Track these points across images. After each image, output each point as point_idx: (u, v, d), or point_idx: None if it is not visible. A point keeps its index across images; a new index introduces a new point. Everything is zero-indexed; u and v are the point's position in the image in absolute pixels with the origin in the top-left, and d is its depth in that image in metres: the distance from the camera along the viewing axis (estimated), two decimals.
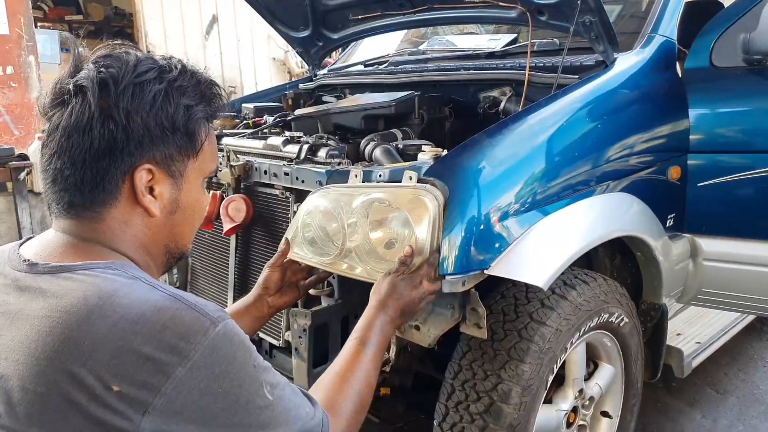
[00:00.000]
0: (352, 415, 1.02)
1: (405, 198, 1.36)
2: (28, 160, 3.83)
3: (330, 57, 3.38)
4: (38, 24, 5.97)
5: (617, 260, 2.01)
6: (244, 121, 2.31)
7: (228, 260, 1.95)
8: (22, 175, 3.79)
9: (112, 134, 0.82)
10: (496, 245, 1.40)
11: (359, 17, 2.42)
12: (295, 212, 1.70)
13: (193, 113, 0.89)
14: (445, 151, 1.52)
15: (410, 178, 1.39)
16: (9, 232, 3.83)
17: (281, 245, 1.51)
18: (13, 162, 3.76)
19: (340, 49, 3.06)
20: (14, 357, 0.74)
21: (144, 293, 0.78)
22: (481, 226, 1.38)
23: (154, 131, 0.85)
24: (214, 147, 0.97)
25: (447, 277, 1.34)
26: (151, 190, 0.88)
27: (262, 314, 1.43)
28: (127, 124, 0.83)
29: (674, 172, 1.97)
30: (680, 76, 2.00)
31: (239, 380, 0.78)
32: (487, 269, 1.37)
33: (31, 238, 0.92)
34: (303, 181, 1.65)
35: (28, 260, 0.83)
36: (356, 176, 1.49)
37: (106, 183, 0.84)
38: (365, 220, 1.41)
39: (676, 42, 1.98)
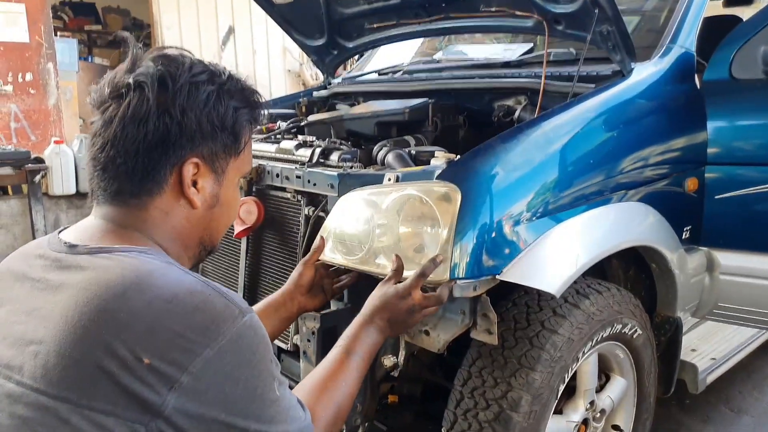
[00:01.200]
0: (329, 424, 1.01)
1: (436, 194, 1.36)
2: (44, 163, 3.87)
3: (343, 68, 3.39)
4: (58, 33, 6.07)
5: (631, 272, 1.98)
6: (258, 127, 2.32)
7: (239, 262, 1.94)
8: (38, 177, 3.84)
9: (167, 127, 0.87)
10: (509, 251, 1.39)
11: (374, 26, 2.43)
12: (306, 215, 1.69)
13: (239, 115, 0.95)
14: (459, 158, 1.52)
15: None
16: (23, 234, 3.86)
17: (317, 242, 1.49)
18: (29, 165, 3.80)
19: (354, 59, 3.08)
20: (53, 324, 0.78)
21: (178, 276, 0.83)
22: (494, 231, 1.37)
23: (205, 128, 0.90)
24: (251, 150, 1.03)
25: (458, 282, 1.33)
26: (194, 184, 0.93)
27: (291, 314, 1.42)
28: (181, 119, 0.88)
29: (691, 184, 1.94)
30: (699, 87, 1.98)
31: (258, 371, 0.82)
32: (499, 275, 1.36)
33: (68, 227, 0.96)
34: (315, 184, 1.65)
35: (69, 243, 0.88)
36: (389, 179, 1.48)
37: (156, 173, 0.89)
38: (397, 217, 1.40)
39: (695, 54, 1.96)
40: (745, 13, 2.70)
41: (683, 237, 1.93)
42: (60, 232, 0.93)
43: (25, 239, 3.86)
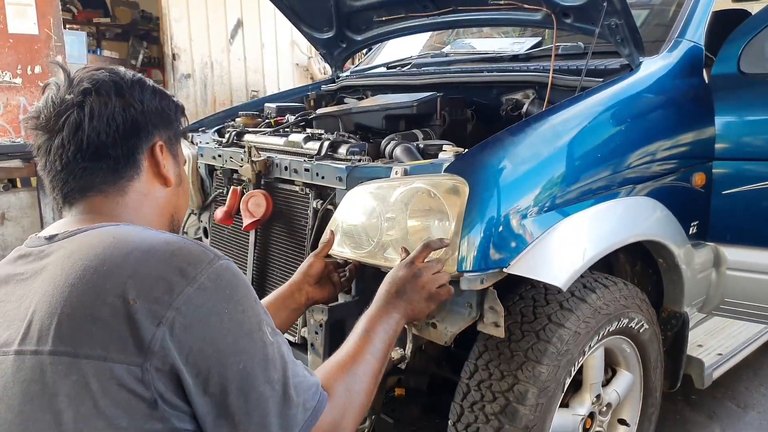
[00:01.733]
0: (351, 403, 0.99)
1: (444, 186, 1.37)
2: None
3: (351, 61, 3.39)
4: (67, 26, 6.08)
5: (638, 267, 1.98)
6: (266, 120, 2.33)
7: (247, 255, 1.96)
8: None
9: (134, 117, 0.98)
10: (516, 244, 1.39)
11: (383, 19, 2.43)
12: (314, 208, 1.70)
13: (176, 105, 1.09)
14: (466, 151, 1.52)
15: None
16: (32, 226, 3.89)
17: (326, 236, 1.51)
18: None
19: (363, 52, 3.08)
20: (42, 294, 0.83)
21: (154, 233, 0.90)
22: (501, 224, 1.37)
23: (163, 115, 1.04)
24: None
25: (465, 275, 1.33)
26: (164, 167, 1.04)
27: (299, 306, 1.43)
28: (143, 109, 1.00)
29: (698, 179, 1.94)
30: (707, 82, 1.97)
31: (243, 308, 0.86)
32: (506, 268, 1.36)
33: (44, 229, 1.01)
34: (323, 177, 1.66)
35: (47, 235, 0.93)
36: (396, 172, 1.49)
37: (134, 158, 0.99)
38: (405, 211, 1.41)
39: (703, 48, 1.96)
40: (754, 7, 2.68)
41: (690, 232, 1.93)
42: (37, 234, 0.97)
43: (33, 231, 3.87)
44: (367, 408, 1.04)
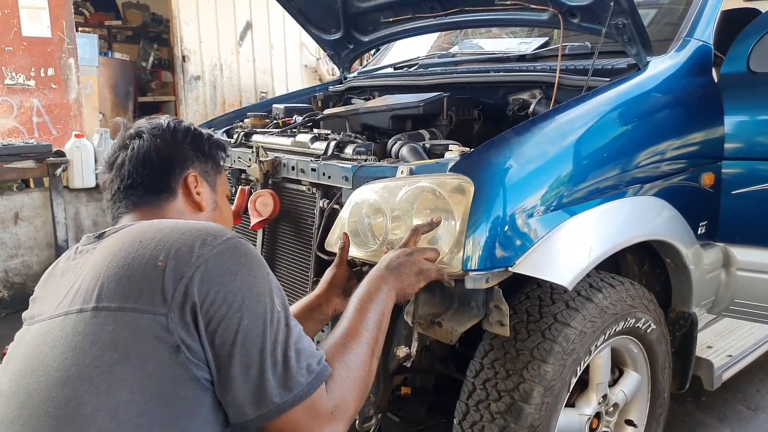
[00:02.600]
0: (353, 379, 1.00)
1: (449, 186, 1.37)
2: (65, 157, 3.93)
3: (359, 62, 3.40)
4: (79, 28, 6.14)
5: (646, 267, 1.97)
6: (274, 121, 2.34)
7: None
8: (59, 171, 3.90)
9: (168, 154, 1.19)
10: (521, 243, 1.39)
11: (390, 20, 2.44)
12: (321, 208, 1.71)
13: (211, 144, 1.27)
14: (472, 150, 1.52)
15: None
16: (44, 226, 3.93)
17: (339, 240, 1.48)
18: (51, 158, 3.86)
19: (370, 53, 3.09)
20: (88, 268, 0.98)
21: (187, 220, 1.06)
22: (507, 223, 1.37)
23: (194, 153, 1.23)
24: (226, 176, 1.36)
25: (471, 274, 1.34)
26: (198, 193, 1.21)
27: (325, 317, 1.42)
28: (176, 148, 1.20)
29: (707, 179, 1.93)
30: (716, 81, 1.96)
31: (254, 273, 0.95)
32: (511, 267, 1.37)
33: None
34: (329, 177, 1.67)
35: (97, 233, 1.09)
36: (402, 172, 1.49)
37: (167, 185, 1.18)
38: (410, 210, 1.41)
39: (712, 47, 1.94)
40: (764, 5, 2.66)
41: (699, 232, 1.92)
42: (90, 234, 1.12)
43: (45, 231, 3.93)
44: (369, 381, 1.05)
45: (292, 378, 0.91)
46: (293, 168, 1.79)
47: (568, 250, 1.44)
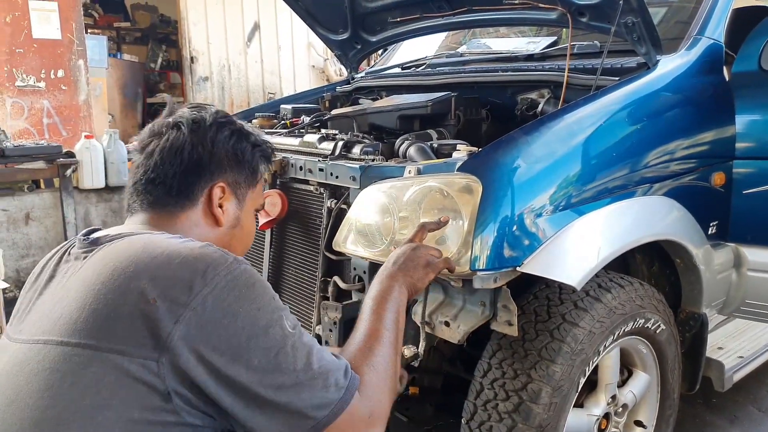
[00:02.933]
0: (381, 381, 0.98)
1: (457, 185, 1.37)
2: (75, 157, 3.96)
3: (366, 63, 3.40)
4: (88, 30, 6.18)
5: (655, 267, 1.96)
6: (282, 121, 2.35)
7: (263, 254, 1.97)
8: (69, 171, 3.92)
9: (200, 156, 1.07)
10: (529, 243, 1.39)
11: (398, 20, 2.44)
12: (329, 207, 1.71)
13: (256, 152, 1.15)
14: (480, 150, 1.52)
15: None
16: (54, 226, 3.96)
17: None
18: (61, 159, 3.89)
19: (378, 53, 3.09)
20: (75, 291, 0.90)
21: (183, 241, 0.95)
22: (515, 223, 1.37)
23: (231, 159, 1.10)
24: (263, 186, 1.22)
25: (478, 273, 1.33)
26: (220, 206, 1.09)
27: None
28: (212, 150, 1.08)
29: (718, 179, 1.91)
30: (727, 80, 1.94)
31: (257, 305, 0.88)
32: (519, 266, 1.36)
33: (96, 228, 1.07)
34: (337, 177, 1.67)
35: (92, 238, 0.99)
36: (410, 172, 1.49)
37: (189, 191, 1.07)
38: (418, 210, 1.41)
39: (723, 45, 1.93)
40: None
41: (709, 232, 1.90)
42: (86, 234, 1.02)
43: (56, 231, 3.95)
44: (396, 379, 1.04)
45: (323, 398, 0.88)
46: (301, 168, 1.79)
47: (576, 250, 1.44)
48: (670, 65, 1.80)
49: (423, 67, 2.60)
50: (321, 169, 1.71)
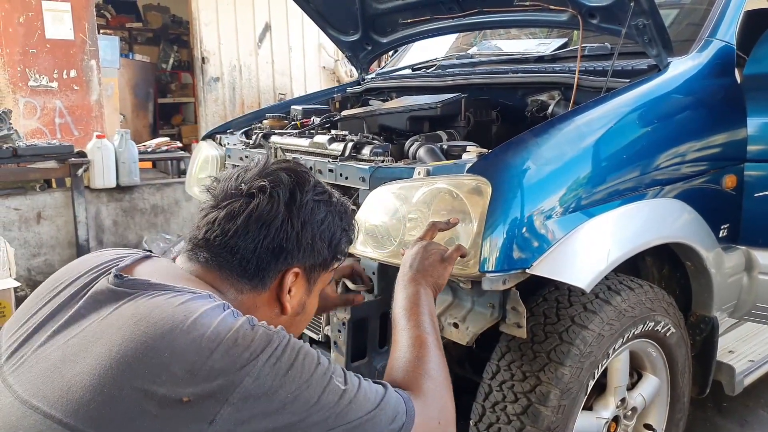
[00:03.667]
0: (439, 391, 0.98)
1: (466, 187, 1.37)
2: (86, 157, 3.99)
3: (377, 64, 3.40)
4: (101, 30, 6.24)
5: (665, 270, 1.95)
6: (292, 122, 2.36)
7: None
8: (80, 171, 3.96)
9: (287, 235, 0.96)
10: (539, 245, 1.38)
11: (408, 21, 2.44)
12: None
13: (344, 236, 1.06)
14: (490, 151, 1.52)
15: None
16: (66, 225, 3.99)
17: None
18: (73, 159, 3.92)
19: (388, 55, 3.09)
20: (94, 356, 0.78)
21: (225, 316, 0.83)
22: (524, 225, 1.37)
23: (316, 244, 1.00)
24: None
25: (487, 275, 1.33)
26: (288, 291, 0.99)
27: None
28: (300, 231, 0.97)
29: (729, 182, 1.90)
30: (739, 82, 1.93)
31: (302, 380, 0.81)
32: (528, 268, 1.36)
33: (146, 258, 0.98)
34: (346, 178, 1.67)
35: (131, 277, 0.89)
36: (419, 173, 1.50)
37: (264, 274, 0.96)
38: (427, 211, 1.42)
39: (735, 47, 1.92)
40: None
41: (720, 235, 1.89)
42: (125, 267, 0.93)
43: (67, 230, 3.99)
44: (449, 378, 1.03)
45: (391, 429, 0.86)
46: (311, 169, 1.79)
47: (586, 252, 1.43)
48: (682, 67, 1.79)
49: (433, 68, 2.60)
50: (331, 170, 1.72)
